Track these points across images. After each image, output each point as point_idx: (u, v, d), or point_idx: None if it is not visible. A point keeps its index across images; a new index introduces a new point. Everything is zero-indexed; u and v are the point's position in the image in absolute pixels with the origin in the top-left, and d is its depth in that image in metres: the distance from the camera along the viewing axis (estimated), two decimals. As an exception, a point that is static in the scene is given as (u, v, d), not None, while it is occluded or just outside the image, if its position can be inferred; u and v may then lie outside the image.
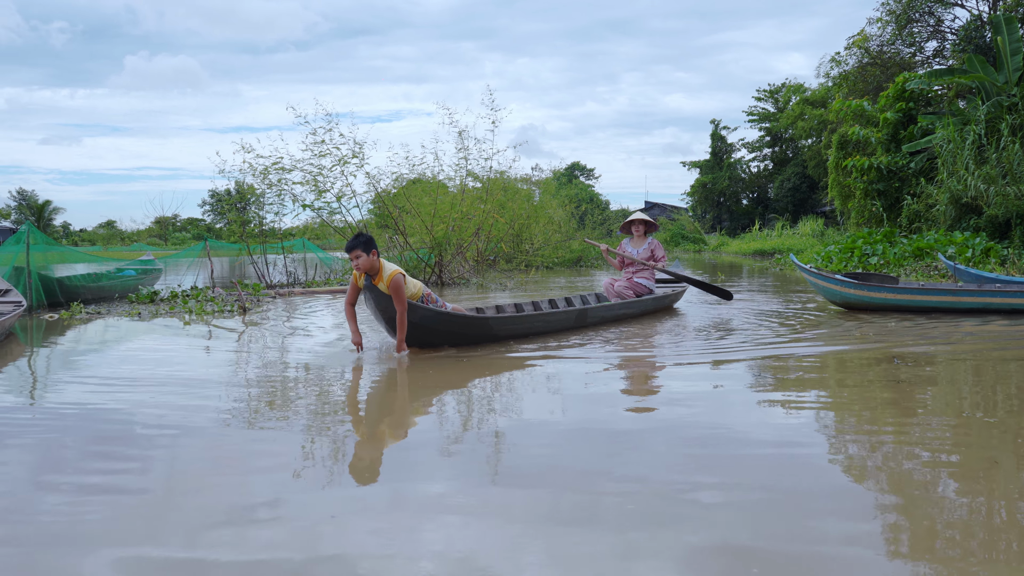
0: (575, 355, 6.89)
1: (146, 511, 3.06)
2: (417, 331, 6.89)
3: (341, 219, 19.19)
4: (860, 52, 27.91)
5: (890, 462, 3.61)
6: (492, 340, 7.45)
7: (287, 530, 2.81)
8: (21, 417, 4.80)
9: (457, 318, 7.13)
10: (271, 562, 2.55)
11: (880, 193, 21.68)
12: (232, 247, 20.39)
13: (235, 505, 3.09)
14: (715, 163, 62.09)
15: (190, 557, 2.58)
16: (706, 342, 7.65)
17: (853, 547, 2.65)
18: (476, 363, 6.48)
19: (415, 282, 6.95)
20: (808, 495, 3.16)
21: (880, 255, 17.10)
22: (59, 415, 4.79)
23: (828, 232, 31.94)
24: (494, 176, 20.70)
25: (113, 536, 2.80)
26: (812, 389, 5.43)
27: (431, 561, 2.54)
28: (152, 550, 2.65)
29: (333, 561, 2.56)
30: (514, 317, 7.81)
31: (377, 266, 6.62)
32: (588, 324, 8.84)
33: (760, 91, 59.91)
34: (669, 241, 47.57)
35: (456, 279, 17.55)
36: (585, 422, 4.44)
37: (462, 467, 3.62)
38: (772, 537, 2.73)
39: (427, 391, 5.53)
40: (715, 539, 2.71)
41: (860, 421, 4.46)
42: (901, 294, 9.58)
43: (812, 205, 49.55)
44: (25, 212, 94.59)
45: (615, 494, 3.16)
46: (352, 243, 6.60)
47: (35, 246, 11.04)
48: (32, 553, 2.66)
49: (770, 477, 3.37)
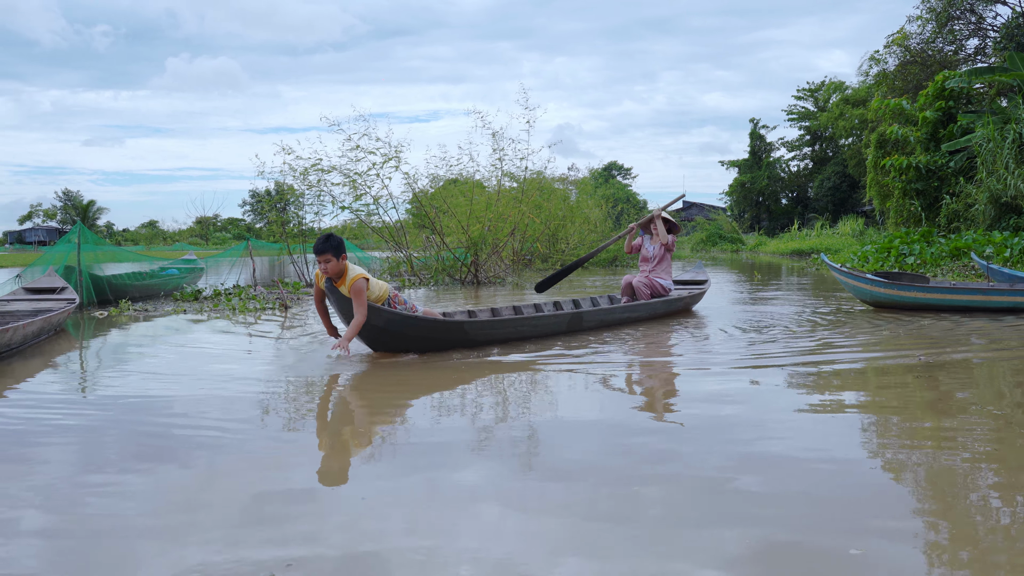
0: (553, 361, 6.53)
1: (187, 504, 3.14)
2: (383, 336, 6.65)
3: (378, 220, 19.55)
4: (900, 50, 27.67)
5: (930, 462, 3.59)
6: (468, 345, 7.05)
7: (323, 524, 2.88)
8: (68, 409, 4.97)
9: (426, 322, 6.77)
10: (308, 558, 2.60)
11: (919, 192, 21.53)
12: (272, 247, 20.83)
13: (272, 499, 3.17)
14: (754, 162, 61.72)
15: (229, 552, 2.63)
16: (713, 344, 7.50)
17: (896, 547, 2.62)
18: (442, 369, 6.15)
19: (380, 284, 6.70)
20: (848, 496, 3.13)
21: (917, 255, 17.01)
22: (104, 407, 4.96)
23: (868, 232, 31.68)
24: (530, 176, 20.92)
25: (154, 531, 2.86)
26: (844, 390, 5.35)
27: (470, 565, 2.56)
28: (193, 544, 2.72)
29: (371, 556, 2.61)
30: (492, 321, 7.33)
31: (344, 270, 6.41)
32: (585, 328, 8.29)
33: (800, 90, 59.51)
34: (706, 241, 47.37)
35: (492, 278, 17.76)
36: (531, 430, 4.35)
37: (497, 463, 3.79)
38: (812, 537, 2.70)
39: (419, 393, 5.68)
40: (755, 540, 2.68)
41: (899, 421, 4.39)
42: (931, 293, 9.62)
43: (852, 205, 49.10)
44: (71, 212, 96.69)
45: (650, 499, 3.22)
46: (322, 246, 6.34)
47: (85, 245, 11.45)
48: (78, 543, 2.76)
49: (809, 477, 3.35)
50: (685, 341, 7.76)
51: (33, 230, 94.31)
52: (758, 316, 9.73)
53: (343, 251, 6.37)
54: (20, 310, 8.60)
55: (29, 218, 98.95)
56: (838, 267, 10.68)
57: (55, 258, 11.74)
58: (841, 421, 4.47)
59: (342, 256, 6.36)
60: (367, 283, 6.38)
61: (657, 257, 9.73)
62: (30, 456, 3.81)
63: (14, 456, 3.80)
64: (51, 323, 7.98)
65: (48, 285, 10.41)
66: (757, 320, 9.27)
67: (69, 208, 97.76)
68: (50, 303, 9.13)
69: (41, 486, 3.37)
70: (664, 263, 9.75)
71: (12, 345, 6.86)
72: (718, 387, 5.47)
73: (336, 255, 6.31)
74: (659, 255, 9.73)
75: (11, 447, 3.98)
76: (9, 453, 3.84)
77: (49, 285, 10.41)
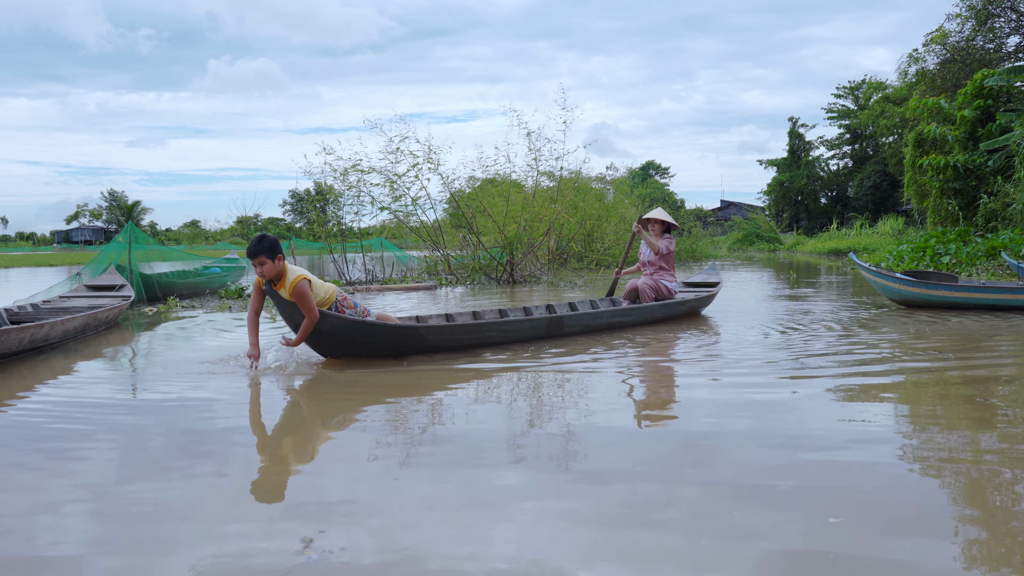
0: (528, 364, 6.27)
1: (225, 501, 3.18)
2: (331, 342, 6.29)
3: (416, 220, 19.93)
4: (939, 49, 27.47)
5: (969, 468, 3.52)
6: (427, 352, 6.64)
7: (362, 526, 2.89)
8: (116, 403, 5.14)
9: (377, 327, 6.34)
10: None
11: (956, 192, 21.42)
12: (313, 245, 21.33)
13: (308, 499, 3.21)
14: (793, 161, 61.28)
15: (266, 550, 2.65)
16: (723, 346, 7.32)
17: (934, 557, 2.57)
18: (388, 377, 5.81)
19: (326, 286, 6.35)
20: (887, 502, 3.05)
21: (953, 254, 16.97)
22: (150, 402, 5.15)
23: (908, 231, 31.46)
24: (567, 176, 21.17)
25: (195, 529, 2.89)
26: (875, 391, 5.28)
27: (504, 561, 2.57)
28: (230, 541, 2.74)
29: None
30: (454, 327, 6.87)
31: (282, 271, 6.03)
32: (567, 333, 7.73)
33: (839, 87, 59.09)
34: (743, 240, 47.16)
35: (527, 277, 18.03)
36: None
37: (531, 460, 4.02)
38: (850, 545, 2.64)
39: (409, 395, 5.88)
40: (793, 546, 2.65)
41: (937, 428, 4.25)
42: (959, 292, 9.72)
43: (893, 204, 48.64)
44: (116, 212, 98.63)
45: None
46: (255, 248, 5.96)
47: (135, 245, 11.93)
48: (120, 538, 2.80)
49: (846, 484, 3.26)
50: (684, 343, 7.53)
51: (79, 229, 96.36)
52: (785, 316, 9.81)
53: (278, 252, 5.98)
54: (76, 306, 9.03)
55: (76, 218, 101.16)
56: (867, 266, 10.80)
57: (108, 256, 12.24)
58: (874, 424, 4.31)
59: (278, 257, 5.97)
60: (309, 284, 6.03)
61: (657, 258, 9.28)
62: (75, 448, 3.92)
63: (58, 446, 3.95)
64: (98, 319, 8.35)
65: (108, 282, 10.92)
66: (782, 320, 9.27)
67: (114, 208, 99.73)
68: (106, 300, 9.57)
69: (85, 474, 3.52)
70: (667, 264, 9.32)
71: (51, 340, 7.20)
72: (725, 391, 5.49)
73: (271, 256, 5.93)
74: (653, 259, 9.29)
75: (54, 436, 4.14)
76: (54, 444, 3.99)
77: (109, 282, 10.92)
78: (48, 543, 2.75)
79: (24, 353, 6.85)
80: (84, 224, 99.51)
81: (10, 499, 3.19)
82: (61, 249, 71.17)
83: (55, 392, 5.46)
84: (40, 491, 3.28)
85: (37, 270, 29.19)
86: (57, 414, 4.77)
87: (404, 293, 14.94)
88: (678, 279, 10.62)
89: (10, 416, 4.81)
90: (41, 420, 4.61)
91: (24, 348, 6.72)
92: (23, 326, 6.51)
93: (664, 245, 9.19)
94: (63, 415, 4.75)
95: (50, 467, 3.63)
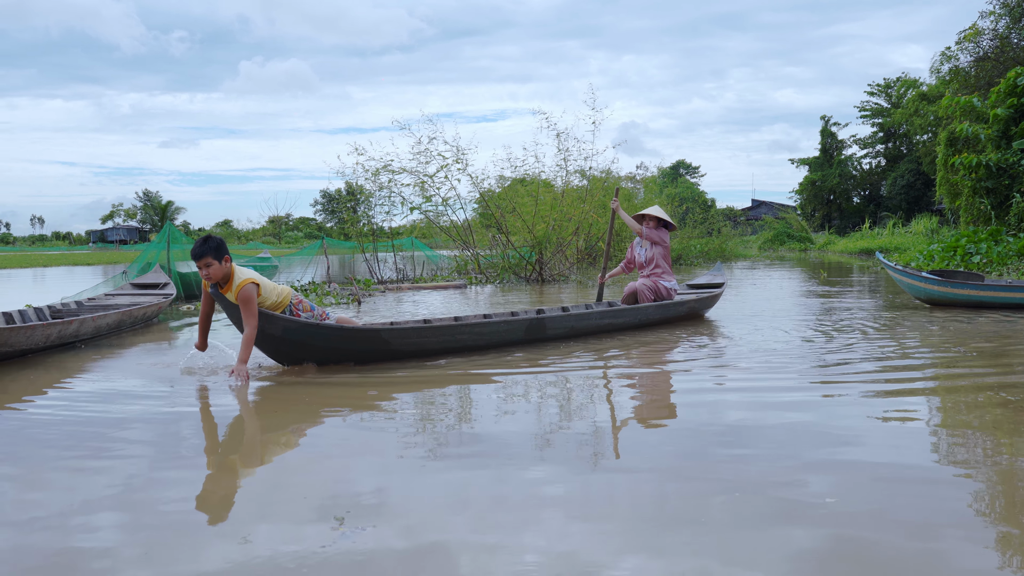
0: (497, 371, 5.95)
1: (255, 498, 3.20)
2: (284, 346, 5.94)
3: (447, 219, 20.19)
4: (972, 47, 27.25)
5: (1007, 465, 3.50)
6: (393, 357, 6.30)
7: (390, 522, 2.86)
8: (147, 399, 5.12)
9: (332, 330, 6.00)
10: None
11: (989, 191, 21.23)
12: (345, 245, 21.65)
13: (338, 493, 3.18)
14: (825, 160, 60.90)
15: (295, 549, 2.62)
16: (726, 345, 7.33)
17: (971, 551, 2.55)
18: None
19: (279, 289, 6.01)
20: (922, 500, 3.01)
21: (983, 254, 16.88)
22: (183, 397, 5.19)
23: (942, 231, 31.19)
24: (598, 175, 21.29)
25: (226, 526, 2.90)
26: (902, 390, 5.27)
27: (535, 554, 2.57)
28: (259, 540, 2.71)
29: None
30: (420, 329, 6.46)
31: (230, 273, 5.71)
32: (549, 337, 7.28)
33: (873, 85, 58.57)
34: (773, 240, 46.95)
35: (557, 276, 18.19)
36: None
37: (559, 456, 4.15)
38: (882, 541, 2.62)
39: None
40: (823, 543, 2.62)
41: (972, 428, 4.19)
42: (984, 291, 9.75)
43: (927, 203, 48.22)
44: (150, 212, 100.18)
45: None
46: (199, 249, 5.64)
47: (174, 244, 12.28)
48: (152, 534, 2.79)
49: (878, 482, 3.23)
50: (683, 345, 7.32)
51: (114, 229, 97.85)
52: (810, 315, 9.87)
53: (225, 253, 5.67)
54: (117, 304, 9.33)
55: (111, 217, 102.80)
56: (892, 265, 10.84)
57: (148, 255, 12.59)
58: (904, 424, 4.25)
59: (224, 259, 5.66)
60: (257, 288, 5.69)
61: (653, 259, 8.85)
62: (107, 444, 3.97)
63: (91, 444, 3.98)
64: (134, 316, 8.61)
65: (153, 280, 11.25)
66: (806, 320, 9.32)
67: (148, 208, 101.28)
68: (147, 297, 9.87)
69: (117, 469, 3.54)
70: (663, 264, 8.86)
71: (82, 335, 7.44)
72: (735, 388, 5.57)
73: (216, 258, 5.62)
74: (653, 256, 8.85)
75: (86, 435, 4.17)
76: (87, 442, 4.03)
77: (154, 280, 11.25)
78: (82, 538, 2.76)
79: (54, 348, 7.09)
80: (119, 224, 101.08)
81: (44, 496, 3.22)
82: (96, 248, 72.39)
83: (83, 386, 5.55)
84: (73, 489, 3.29)
85: (74, 269, 29.78)
86: (79, 408, 4.84)
87: (434, 291, 15.17)
88: (691, 279, 10.38)
89: (36, 409, 4.92)
90: (68, 414, 4.69)
91: (52, 344, 6.96)
92: (49, 322, 6.73)
93: (657, 236, 8.82)
94: (82, 409, 4.82)
95: (82, 463, 3.65)
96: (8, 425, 4.45)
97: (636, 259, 9.01)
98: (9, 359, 6.50)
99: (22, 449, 3.90)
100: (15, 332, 6.30)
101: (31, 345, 6.63)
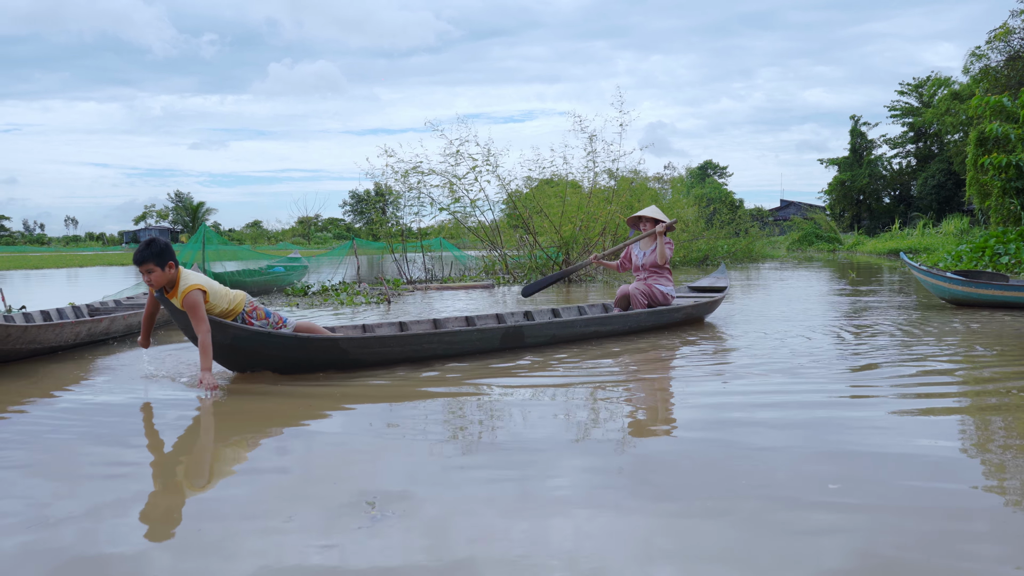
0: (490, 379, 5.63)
1: (283, 498, 3.16)
2: (235, 355, 5.64)
3: (474, 220, 20.41)
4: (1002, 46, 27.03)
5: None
6: (353, 367, 5.91)
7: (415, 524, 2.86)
8: (176, 400, 5.10)
9: (285, 339, 5.63)
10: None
11: (1019, 191, 21.10)
12: (374, 245, 21.93)
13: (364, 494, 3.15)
14: (854, 160, 60.40)
15: (322, 551, 2.62)
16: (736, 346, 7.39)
17: (1002, 568, 2.47)
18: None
19: (232, 294, 5.69)
20: (955, 514, 2.92)
21: (1012, 254, 16.82)
22: (191, 394, 5.18)
23: (973, 232, 30.95)
24: (627, 176, 21.40)
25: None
26: (931, 393, 5.20)
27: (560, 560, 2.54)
28: (287, 544, 2.70)
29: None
30: (380, 338, 6.04)
31: (175, 279, 5.37)
32: (528, 345, 6.87)
33: (903, 84, 58.03)
34: (801, 240, 46.71)
35: (583, 276, 18.35)
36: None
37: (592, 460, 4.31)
38: (915, 552, 2.58)
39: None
40: (854, 551, 2.59)
41: (1005, 434, 4.09)
42: (1008, 291, 9.79)
43: (957, 203, 47.70)
44: (181, 213, 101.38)
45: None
46: (141, 254, 5.28)
47: (209, 245, 12.60)
48: (178, 531, 2.85)
49: (911, 491, 3.16)
50: (683, 346, 7.19)
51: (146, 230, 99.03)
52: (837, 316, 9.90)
53: (169, 258, 5.32)
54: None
55: (143, 218, 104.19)
56: (916, 265, 10.89)
57: (184, 256, 12.92)
58: (933, 433, 4.10)
59: (168, 264, 5.30)
60: (204, 295, 5.36)
61: (651, 262, 8.51)
62: (132, 442, 4.05)
63: (114, 444, 4.02)
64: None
65: None
66: (831, 322, 9.34)
67: (180, 209, 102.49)
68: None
69: (143, 465, 3.64)
70: (662, 269, 8.53)
71: (113, 333, 7.69)
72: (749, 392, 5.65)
73: (159, 264, 5.28)
74: (652, 260, 8.49)
75: (113, 433, 4.23)
76: (116, 439, 4.13)
77: None
78: (111, 539, 2.77)
79: (85, 345, 7.35)
80: (151, 225, 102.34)
81: (71, 499, 3.19)
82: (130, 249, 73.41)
83: (102, 384, 5.64)
84: (102, 490, 3.29)
85: (107, 269, 30.36)
86: (97, 405, 4.94)
87: (462, 291, 15.39)
88: (692, 281, 10.15)
89: (66, 401, 5.07)
90: (89, 410, 4.80)
91: (82, 341, 7.21)
92: (78, 320, 6.98)
93: (670, 252, 8.53)
94: (99, 405, 4.93)
95: (108, 462, 3.70)
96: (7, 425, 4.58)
97: (633, 261, 8.70)
98: (40, 355, 6.75)
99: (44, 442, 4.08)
100: (43, 330, 6.52)
101: (60, 342, 6.87)
